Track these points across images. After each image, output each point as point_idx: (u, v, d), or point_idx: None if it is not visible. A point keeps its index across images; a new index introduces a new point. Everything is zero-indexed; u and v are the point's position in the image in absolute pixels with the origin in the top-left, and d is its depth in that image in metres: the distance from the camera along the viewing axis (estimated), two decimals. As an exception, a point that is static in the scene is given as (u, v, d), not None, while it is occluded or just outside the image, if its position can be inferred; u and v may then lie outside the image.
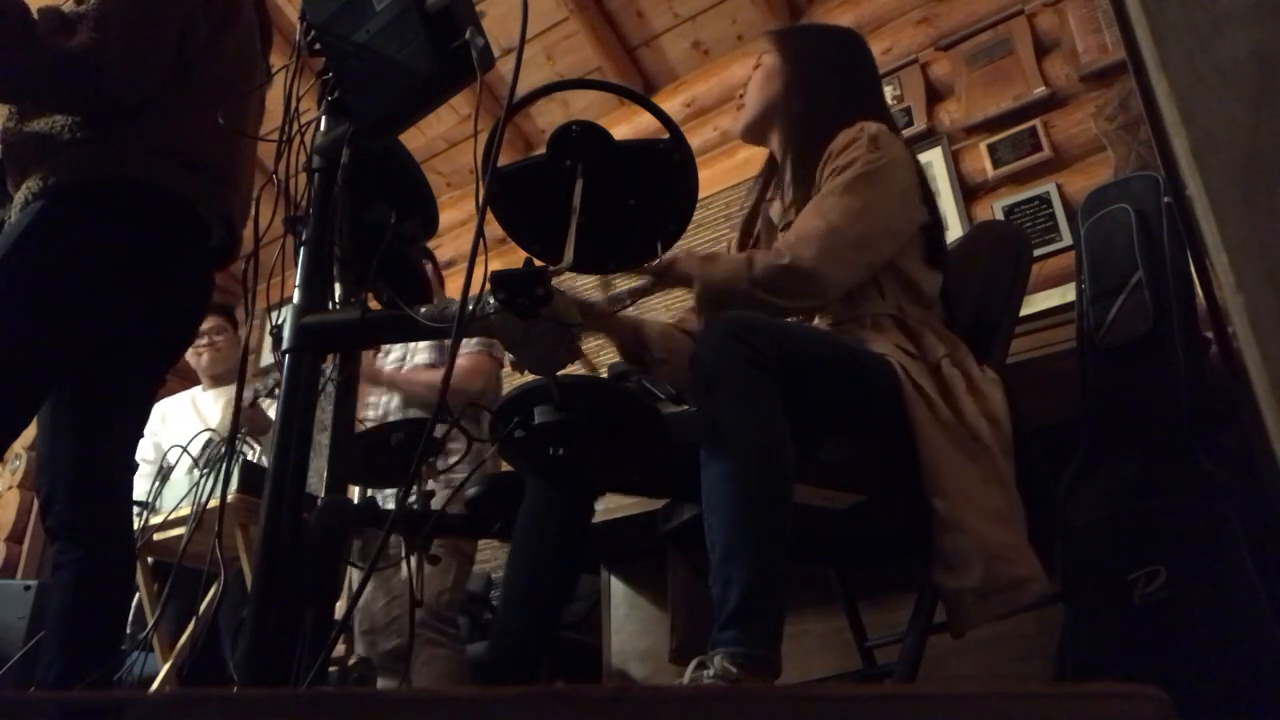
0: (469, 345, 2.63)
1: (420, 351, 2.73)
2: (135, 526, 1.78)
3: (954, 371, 1.30)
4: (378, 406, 2.73)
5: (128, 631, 1.91)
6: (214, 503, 1.13)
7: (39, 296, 1.48)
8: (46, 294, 1.48)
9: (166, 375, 1.75)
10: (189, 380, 3.22)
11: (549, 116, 4.40)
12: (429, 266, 2.89)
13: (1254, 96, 0.63)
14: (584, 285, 2.53)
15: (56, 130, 1.54)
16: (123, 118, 1.55)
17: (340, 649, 2.31)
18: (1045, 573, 1.19)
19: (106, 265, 1.53)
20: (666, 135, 1.02)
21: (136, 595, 2.38)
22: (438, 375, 2.41)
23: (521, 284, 0.87)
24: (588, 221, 0.96)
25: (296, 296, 1.04)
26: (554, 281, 0.89)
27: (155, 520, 2.38)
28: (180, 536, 2.56)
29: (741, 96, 1.62)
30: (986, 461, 1.23)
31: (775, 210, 1.57)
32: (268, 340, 1.11)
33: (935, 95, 3.56)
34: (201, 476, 2.24)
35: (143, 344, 1.65)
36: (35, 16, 1.45)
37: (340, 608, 1.04)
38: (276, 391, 0.98)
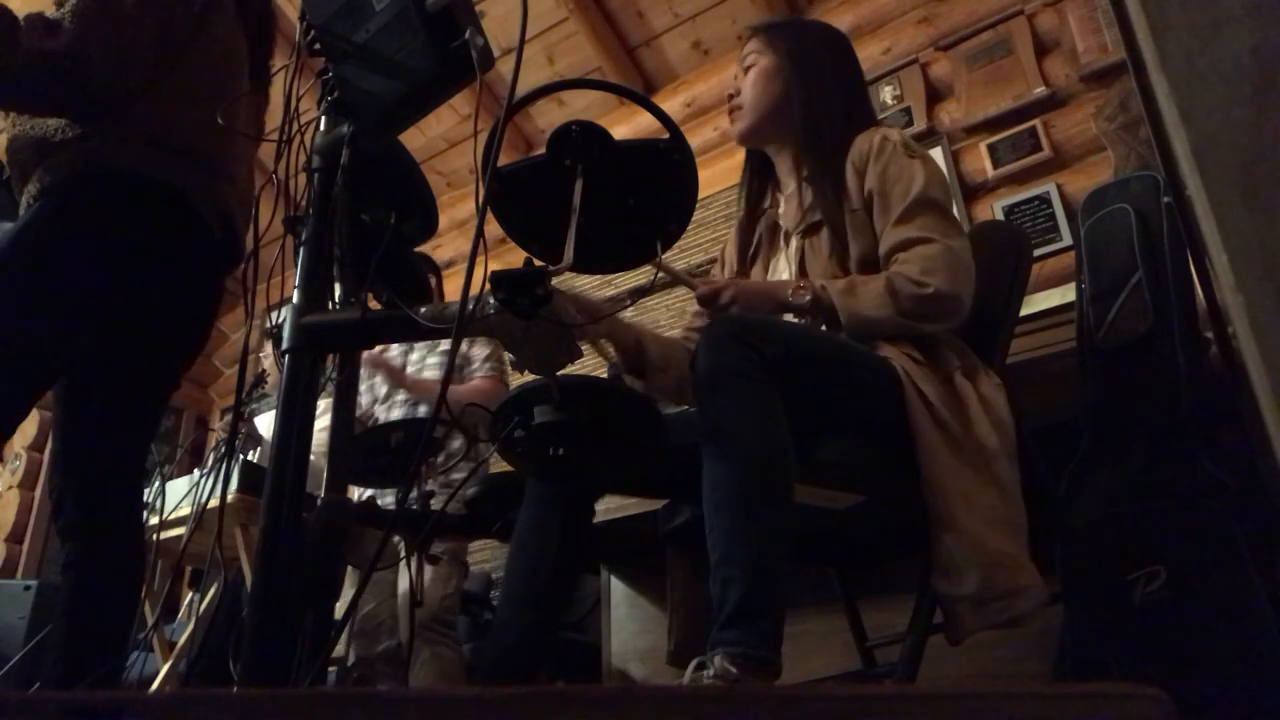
0: (482, 367, 2.69)
1: (430, 368, 2.76)
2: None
3: (966, 384, 1.29)
4: (372, 390, 2.74)
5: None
6: (214, 503, 1.13)
7: (35, 289, 1.49)
8: (42, 287, 1.49)
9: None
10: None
11: (549, 116, 4.40)
12: (431, 279, 2.90)
13: (1254, 96, 0.63)
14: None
15: (50, 132, 1.57)
16: (110, 113, 1.57)
17: (340, 649, 2.31)
18: (1045, 573, 1.19)
19: (101, 256, 1.54)
20: (666, 135, 1.02)
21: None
22: (454, 387, 2.41)
23: (521, 284, 0.87)
24: (588, 221, 0.96)
25: (296, 296, 1.03)
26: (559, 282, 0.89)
27: (155, 520, 2.38)
28: (180, 536, 2.57)
29: (733, 99, 1.58)
30: (988, 469, 1.23)
31: (787, 216, 1.55)
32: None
33: (935, 95, 3.56)
34: (202, 476, 2.24)
35: (148, 345, 1.65)
36: (20, 22, 1.47)
37: (340, 608, 1.04)
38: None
